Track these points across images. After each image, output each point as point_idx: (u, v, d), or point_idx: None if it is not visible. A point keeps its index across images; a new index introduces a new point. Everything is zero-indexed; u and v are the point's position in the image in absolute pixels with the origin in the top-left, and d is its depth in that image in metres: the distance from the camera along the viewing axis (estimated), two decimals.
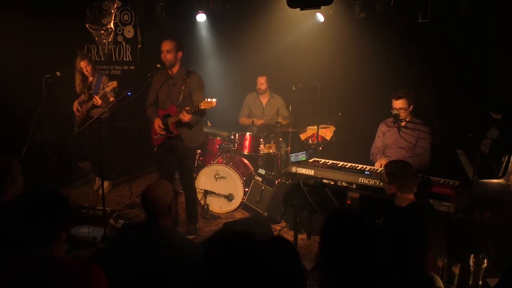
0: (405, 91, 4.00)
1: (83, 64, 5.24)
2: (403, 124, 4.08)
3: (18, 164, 2.72)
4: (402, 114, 4.02)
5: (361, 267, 1.56)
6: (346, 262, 1.58)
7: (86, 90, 5.37)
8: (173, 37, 4.18)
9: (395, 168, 2.93)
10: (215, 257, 1.26)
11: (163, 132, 4.19)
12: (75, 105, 5.41)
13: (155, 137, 4.32)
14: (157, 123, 4.20)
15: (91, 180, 6.02)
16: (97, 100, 5.13)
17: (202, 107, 3.97)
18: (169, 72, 4.19)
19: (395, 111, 4.03)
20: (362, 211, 2.89)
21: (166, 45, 4.09)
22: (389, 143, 4.20)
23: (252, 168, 5.40)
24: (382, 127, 4.29)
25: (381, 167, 3.93)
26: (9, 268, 1.81)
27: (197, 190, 4.82)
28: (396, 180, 2.84)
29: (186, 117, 4.00)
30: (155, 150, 4.36)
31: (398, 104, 4.00)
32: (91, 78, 5.37)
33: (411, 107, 4.04)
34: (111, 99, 5.14)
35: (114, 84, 4.96)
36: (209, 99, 3.96)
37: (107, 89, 5.05)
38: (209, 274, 1.25)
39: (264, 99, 6.01)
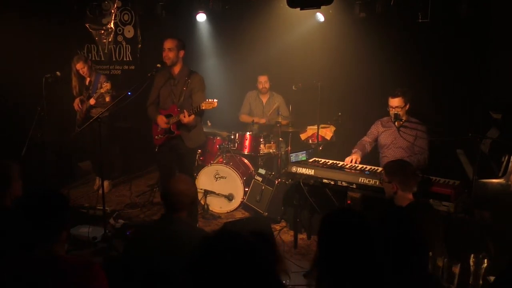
0: (402, 89, 4.01)
1: (79, 66, 5.26)
2: (400, 123, 4.08)
3: (17, 168, 2.72)
4: (399, 113, 4.03)
5: (358, 266, 1.56)
6: (343, 260, 1.58)
7: (85, 90, 5.38)
8: (175, 37, 4.18)
9: (395, 167, 2.95)
10: (201, 256, 1.30)
11: (167, 126, 4.19)
12: (77, 101, 5.41)
13: (156, 137, 4.33)
14: (161, 119, 4.20)
15: (91, 180, 6.02)
16: (92, 101, 5.16)
17: (203, 108, 3.97)
18: (171, 72, 4.20)
19: (392, 110, 4.04)
20: (358, 210, 2.89)
21: (168, 43, 4.09)
22: (387, 143, 4.20)
23: (252, 168, 5.40)
24: (378, 127, 4.29)
25: (351, 162, 3.95)
26: (11, 268, 1.81)
27: (197, 190, 4.81)
28: (397, 178, 2.85)
29: (186, 118, 4.00)
30: (156, 150, 4.36)
31: (395, 102, 4.01)
32: (88, 78, 5.38)
33: (407, 106, 4.05)
34: (107, 99, 5.16)
35: (108, 86, 4.98)
36: (210, 100, 3.96)
37: (102, 91, 5.06)
38: (197, 272, 1.28)
39: (264, 98, 6.01)
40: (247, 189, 5.10)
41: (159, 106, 4.30)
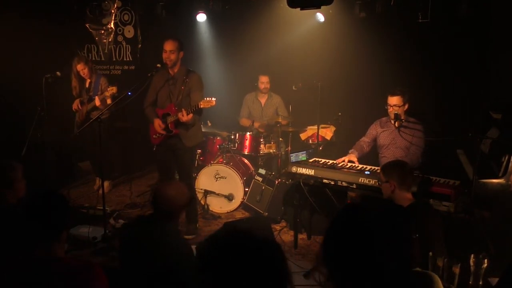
0: (401, 89, 4.02)
1: (79, 67, 5.24)
2: (400, 123, 4.08)
3: (19, 168, 2.70)
4: (399, 113, 4.03)
5: (367, 264, 1.55)
6: (354, 259, 1.57)
7: (85, 92, 5.36)
8: (176, 37, 4.17)
9: (392, 166, 2.96)
10: (213, 256, 1.28)
11: (164, 132, 4.20)
12: (76, 102, 5.40)
13: (154, 136, 4.33)
14: (157, 122, 4.20)
15: (91, 180, 6.02)
16: (98, 102, 5.14)
17: (201, 106, 3.97)
18: (170, 72, 4.20)
19: (390, 108, 4.04)
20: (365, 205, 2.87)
21: (170, 45, 4.08)
22: (386, 143, 4.20)
23: (252, 168, 5.40)
24: (377, 127, 4.29)
25: (343, 162, 3.97)
26: (11, 268, 1.81)
27: (197, 190, 4.81)
28: (395, 176, 2.85)
29: (184, 116, 4.01)
30: (154, 149, 4.36)
31: (393, 100, 4.02)
32: (89, 80, 5.37)
33: (406, 106, 4.05)
34: (109, 101, 5.15)
35: (113, 89, 4.96)
36: (208, 98, 3.96)
37: (107, 94, 5.04)
38: (207, 274, 1.27)
39: (262, 99, 6.01)
40: (247, 189, 5.10)
41: (157, 106, 4.30)
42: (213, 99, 3.95)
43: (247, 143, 5.40)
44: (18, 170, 2.69)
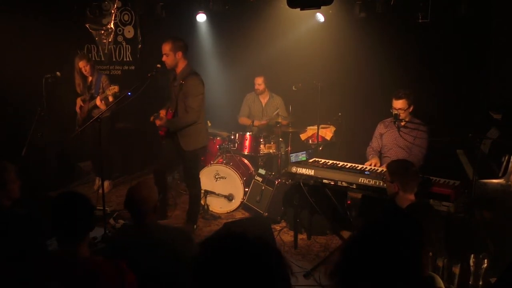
0: (406, 91, 4.01)
1: (81, 64, 5.25)
2: (402, 124, 4.08)
3: (11, 169, 2.67)
4: (402, 114, 4.03)
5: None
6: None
7: (87, 90, 5.38)
8: (170, 38, 4.12)
9: (398, 167, 2.95)
10: (208, 259, 1.28)
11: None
12: (79, 102, 5.41)
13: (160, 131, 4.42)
14: (162, 114, 4.28)
15: (91, 180, 6.02)
16: (99, 102, 5.16)
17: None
18: (175, 73, 4.22)
19: (395, 111, 4.04)
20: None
21: (163, 48, 4.08)
22: (389, 143, 4.20)
23: (252, 168, 5.40)
24: (380, 128, 4.29)
25: (370, 166, 3.94)
26: (37, 269, 1.83)
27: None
28: (399, 179, 2.85)
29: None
30: (163, 142, 4.41)
31: (399, 104, 4.01)
32: (90, 78, 5.38)
33: (411, 108, 4.05)
34: (111, 99, 5.16)
35: (115, 89, 4.98)
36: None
37: (108, 93, 5.05)
38: (203, 276, 1.27)
39: (263, 99, 6.01)
40: (247, 189, 5.09)
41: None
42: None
43: (247, 143, 5.40)
44: (11, 171, 2.65)
